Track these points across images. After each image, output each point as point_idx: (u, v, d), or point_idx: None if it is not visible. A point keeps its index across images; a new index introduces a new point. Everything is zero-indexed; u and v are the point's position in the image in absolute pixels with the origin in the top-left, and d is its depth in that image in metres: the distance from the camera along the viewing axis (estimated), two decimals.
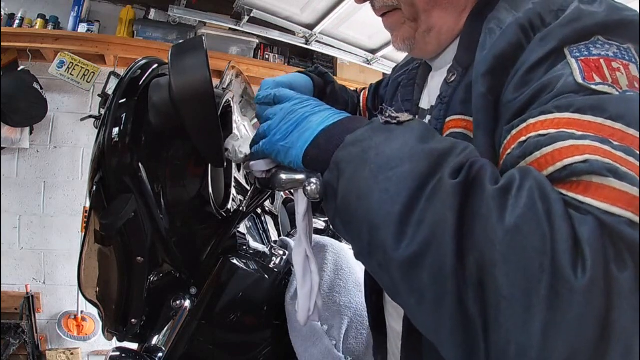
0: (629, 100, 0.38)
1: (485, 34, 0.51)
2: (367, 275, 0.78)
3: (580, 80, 0.40)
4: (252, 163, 0.57)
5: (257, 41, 2.75)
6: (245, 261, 0.80)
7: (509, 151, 0.42)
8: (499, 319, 0.32)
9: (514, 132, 0.42)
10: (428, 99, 0.65)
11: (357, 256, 0.44)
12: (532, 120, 0.40)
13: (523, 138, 0.40)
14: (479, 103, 0.48)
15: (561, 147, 0.37)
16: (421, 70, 0.70)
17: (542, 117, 0.39)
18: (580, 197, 0.35)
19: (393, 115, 0.45)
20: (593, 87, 0.39)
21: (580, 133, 0.37)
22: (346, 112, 0.51)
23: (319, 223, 1.21)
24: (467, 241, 0.34)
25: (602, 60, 0.41)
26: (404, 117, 0.44)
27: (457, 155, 0.38)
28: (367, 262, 0.42)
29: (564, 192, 0.35)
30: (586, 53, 0.41)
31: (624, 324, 0.31)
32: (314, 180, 0.47)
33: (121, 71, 0.68)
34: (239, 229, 0.84)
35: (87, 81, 2.34)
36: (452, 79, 0.57)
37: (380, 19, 0.68)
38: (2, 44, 2.18)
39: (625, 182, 0.34)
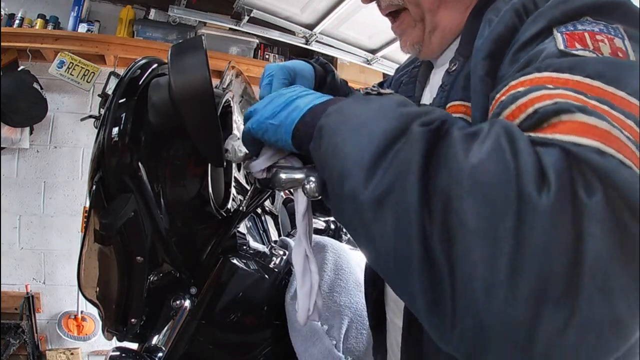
0: (609, 62, 0.38)
1: (484, 23, 0.53)
2: (368, 271, 0.78)
3: (562, 47, 0.41)
4: (252, 164, 0.57)
5: (257, 41, 2.75)
6: (245, 261, 0.80)
7: (491, 114, 0.43)
8: (465, 256, 0.31)
9: (497, 95, 0.42)
10: (430, 95, 0.66)
11: (335, 214, 0.44)
12: (512, 82, 0.41)
13: (503, 98, 0.41)
14: (477, 86, 0.49)
15: (534, 96, 0.37)
16: (423, 68, 0.72)
17: (522, 78, 0.40)
18: (548, 135, 0.34)
19: (374, 89, 0.47)
20: (574, 52, 0.40)
21: (555, 86, 0.37)
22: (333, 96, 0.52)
23: (319, 223, 1.21)
24: (432, 181, 0.33)
25: (586, 34, 0.41)
26: (386, 91, 0.46)
27: (431, 114, 0.39)
28: (342, 216, 0.42)
29: (532, 134, 0.35)
30: (572, 28, 0.42)
31: (597, 251, 0.29)
32: (313, 178, 0.47)
33: (121, 71, 0.68)
34: (239, 229, 0.84)
35: (87, 81, 2.34)
36: (453, 69, 0.58)
37: (380, 19, 0.69)
38: (2, 44, 2.18)
39: (593, 116, 0.34)
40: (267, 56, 2.83)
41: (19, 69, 2.36)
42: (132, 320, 0.74)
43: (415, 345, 0.60)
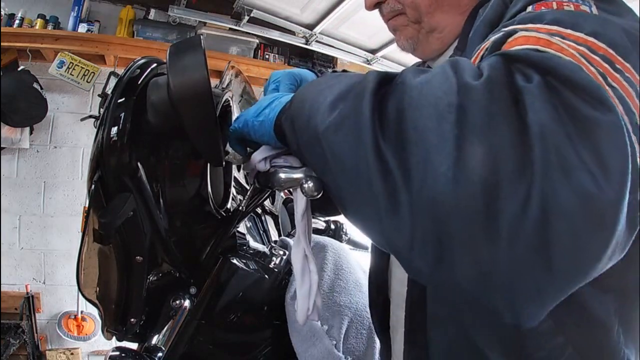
0: (569, 12, 0.40)
1: (478, 18, 0.55)
2: (372, 277, 0.77)
3: (529, 10, 0.43)
4: (252, 155, 0.57)
5: (257, 41, 2.75)
6: (245, 261, 0.80)
7: None
8: (415, 155, 0.32)
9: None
10: None
11: (304, 158, 0.47)
12: (482, 44, 0.44)
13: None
14: None
15: (494, 37, 0.40)
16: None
17: (493, 37, 0.42)
18: (491, 55, 0.36)
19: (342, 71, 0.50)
20: (539, 11, 0.42)
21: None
22: None
23: (319, 223, 1.21)
24: (384, 102, 0.35)
25: (554, 2, 0.43)
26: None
27: None
28: (310, 158, 0.44)
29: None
30: (543, 1, 0.44)
31: (541, 122, 0.29)
32: (311, 177, 0.47)
33: (121, 71, 0.68)
34: (238, 229, 0.84)
35: (87, 81, 2.34)
36: None
37: (380, 18, 0.70)
38: (2, 44, 2.18)
39: (534, 32, 0.36)
40: (267, 56, 2.82)
41: (19, 69, 2.36)
42: (132, 320, 0.73)
43: (418, 336, 0.59)
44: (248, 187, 0.87)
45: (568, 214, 0.29)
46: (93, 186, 0.62)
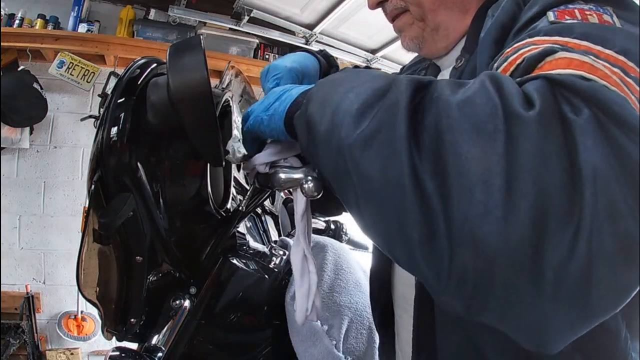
0: (597, 25, 0.39)
1: (487, 19, 0.54)
2: (374, 275, 0.77)
3: (552, 19, 0.42)
4: (254, 157, 0.57)
5: (257, 41, 2.75)
6: (245, 261, 0.80)
7: None
8: (457, 184, 0.30)
9: (494, 64, 0.43)
10: None
11: (324, 170, 0.43)
12: (506, 49, 0.42)
13: (497, 63, 0.42)
14: (484, 69, 0.49)
15: (523, 50, 0.38)
16: (430, 70, 0.73)
17: (515, 45, 0.41)
18: (532, 75, 0.35)
19: (362, 65, 0.48)
20: (563, 22, 0.41)
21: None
22: None
23: (319, 223, 1.21)
24: (420, 118, 0.33)
25: (576, 10, 0.42)
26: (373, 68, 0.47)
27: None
28: (332, 171, 0.40)
29: (519, 79, 0.36)
30: (562, 7, 0.43)
31: (593, 163, 0.28)
32: (311, 178, 0.47)
33: (121, 71, 0.68)
34: (238, 229, 0.84)
35: (87, 81, 2.34)
36: (459, 64, 0.60)
37: (380, 18, 0.70)
38: (2, 44, 2.18)
39: (576, 53, 0.34)
40: (267, 56, 2.82)
41: (19, 69, 2.36)
42: (132, 320, 0.73)
43: (427, 340, 0.59)
44: (248, 187, 0.87)
45: (612, 258, 0.28)
46: (93, 186, 0.62)
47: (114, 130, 0.62)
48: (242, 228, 0.90)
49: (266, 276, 0.81)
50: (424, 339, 0.60)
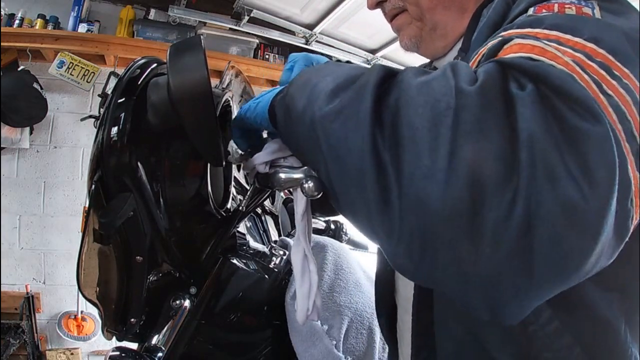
0: (568, 16, 0.41)
1: (482, 18, 0.56)
2: (379, 276, 0.77)
3: (530, 13, 0.44)
4: (254, 156, 0.57)
5: (257, 41, 2.75)
6: (245, 261, 0.80)
7: None
8: (409, 154, 0.32)
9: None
10: None
11: (297, 149, 0.46)
12: (480, 49, 0.44)
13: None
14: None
15: (490, 44, 0.41)
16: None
17: (490, 43, 0.42)
18: (488, 60, 0.37)
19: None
20: (537, 15, 0.43)
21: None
22: None
23: (319, 223, 1.21)
24: (384, 98, 0.36)
25: (556, 5, 0.43)
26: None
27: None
28: (304, 147, 0.44)
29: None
30: (545, 3, 0.45)
31: (530, 130, 0.30)
32: (311, 178, 0.47)
33: (121, 71, 0.68)
34: (238, 229, 0.84)
35: (87, 81, 2.34)
36: None
37: (380, 18, 0.71)
38: (2, 44, 2.18)
39: (529, 39, 0.36)
40: (267, 56, 2.82)
41: (19, 69, 2.36)
42: (132, 319, 0.73)
43: (426, 339, 0.59)
44: (248, 187, 0.87)
45: (551, 221, 0.29)
46: (93, 186, 0.62)
47: (114, 130, 0.62)
48: (242, 228, 0.90)
49: (266, 276, 0.81)
50: (423, 338, 0.60)
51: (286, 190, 1.11)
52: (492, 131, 0.31)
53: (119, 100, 0.64)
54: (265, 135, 0.62)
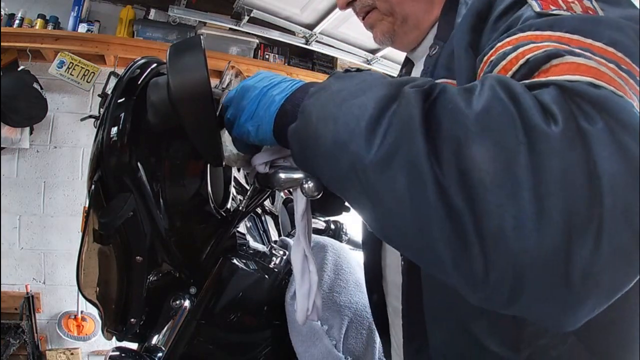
0: (583, 18, 0.41)
1: (461, 5, 0.56)
2: (367, 264, 0.77)
3: (538, 9, 0.43)
4: (254, 156, 0.57)
5: (257, 41, 2.75)
6: (245, 261, 0.80)
7: (481, 74, 0.44)
8: (486, 199, 0.31)
9: (485, 57, 0.44)
10: None
11: (330, 183, 0.42)
12: (499, 43, 0.42)
13: (492, 58, 0.42)
14: (462, 56, 0.50)
15: (524, 49, 0.39)
16: (406, 68, 0.76)
17: (508, 38, 0.42)
18: (541, 79, 0.36)
19: (352, 68, 0.49)
20: (550, 12, 0.42)
21: (540, 41, 0.39)
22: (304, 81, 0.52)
23: (319, 223, 1.21)
24: (437, 133, 0.33)
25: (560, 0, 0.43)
26: (364, 67, 0.48)
27: (419, 80, 0.39)
28: (342, 186, 0.40)
29: (527, 82, 0.36)
30: None
31: (611, 172, 0.30)
32: (311, 178, 0.47)
33: (121, 71, 0.68)
34: (238, 229, 0.84)
35: (87, 81, 2.34)
36: (433, 52, 0.61)
37: None
38: (2, 44, 2.18)
39: (582, 57, 0.36)
40: (267, 56, 2.82)
41: (19, 69, 2.36)
42: (132, 320, 0.74)
43: (418, 328, 0.60)
44: (248, 187, 0.87)
45: (630, 252, 0.31)
46: (93, 186, 0.62)
47: (114, 130, 0.62)
48: (242, 228, 0.90)
49: (266, 276, 0.81)
50: (414, 327, 0.60)
51: (286, 190, 1.11)
52: (576, 175, 0.30)
53: (119, 100, 0.64)
54: None
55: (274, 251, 0.87)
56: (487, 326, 0.51)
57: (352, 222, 1.10)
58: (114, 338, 0.78)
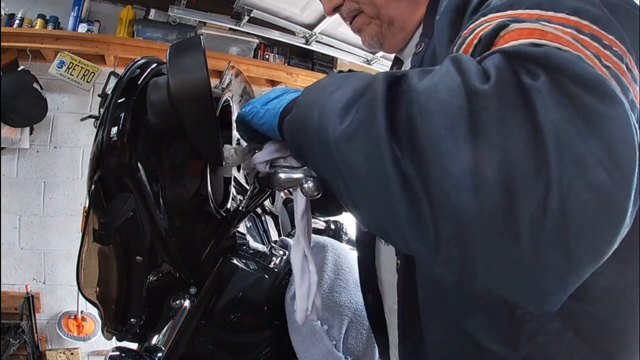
0: None
1: (442, 1, 0.56)
2: (361, 261, 0.78)
3: None
4: (255, 155, 0.57)
5: (257, 41, 2.75)
6: (245, 261, 0.80)
7: None
8: (433, 165, 0.32)
9: (454, 48, 0.44)
10: None
11: (317, 167, 0.46)
12: (463, 32, 0.43)
13: (455, 47, 0.43)
14: (442, 53, 0.51)
15: (478, 30, 0.40)
16: (397, 67, 0.76)
17: (471, 25, 0.42)
18: (489, 51, 0.36)
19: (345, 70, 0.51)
20: None
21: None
22: None
23: (319, 223, 1.21)
24: (396, 110, 0.35)
25: None
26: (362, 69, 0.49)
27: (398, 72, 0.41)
28: (325, 167, 0.43)
29: (478, 57, 0.37)
30: None
31: (553, 121, 0.30)
32: (311, 177, 0.47)
33: (121, 71, 0.68)
34: (238, 229, 0.84)
35: (87, 81, 2.34)
36: (419, 50, 0.62)
37: None
38: (2, 44, 2.18)
39: (526, 22, 0.36)
40: (267, 56, 2.82)
41: (19, 69, 2.35)
42: (132, 320, 0.74)
43: (413, 327, 0.59)
44: (248, 187, 0.87)
45: (586, 209, 0.30)
46: (93, 186, 0.63)
47: (114, 130, 0.62)
48: (242, 228, 0.90)
49: (266, 276, 0.81)
50: (409, 326, 0.60)
51: (286, 190, 1.11)
52: (515, 128, 0.30)
53: (119, 100, 0.64)
54: None
55: (274, 251, 0.87)
56: (484, 324, 0.50)
57: (352, 222, 1.10)
58: (114, 338, 0.78)
